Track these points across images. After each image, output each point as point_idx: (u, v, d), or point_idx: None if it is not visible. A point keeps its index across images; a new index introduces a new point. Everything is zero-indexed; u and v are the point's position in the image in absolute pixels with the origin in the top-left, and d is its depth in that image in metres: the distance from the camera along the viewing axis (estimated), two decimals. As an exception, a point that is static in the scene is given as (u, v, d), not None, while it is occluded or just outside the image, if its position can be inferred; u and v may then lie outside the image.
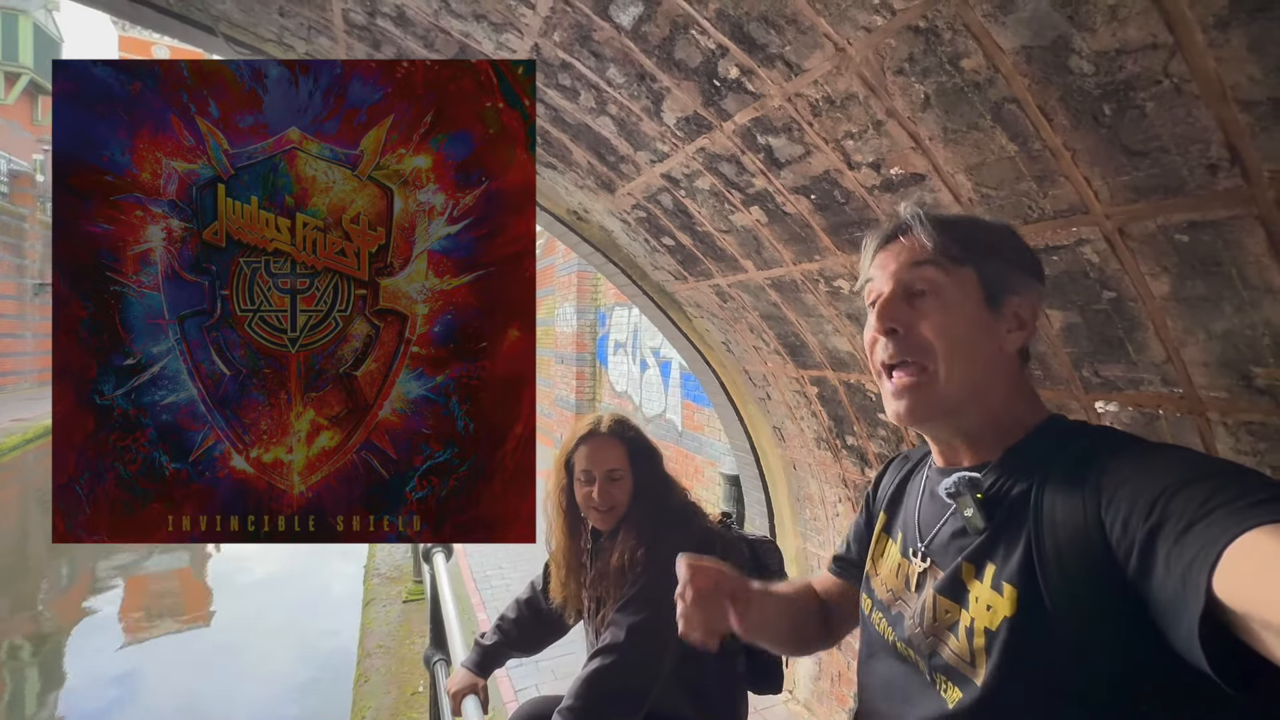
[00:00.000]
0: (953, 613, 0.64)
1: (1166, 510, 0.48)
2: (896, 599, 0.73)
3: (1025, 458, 0.64)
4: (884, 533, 0.81)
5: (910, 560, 0.72)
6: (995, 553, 0.61)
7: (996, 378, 0.67)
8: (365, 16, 1.61)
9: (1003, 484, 0.64)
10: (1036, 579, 0.57)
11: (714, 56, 1.18)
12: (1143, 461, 0.55)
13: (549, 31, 1.35)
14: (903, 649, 0.70)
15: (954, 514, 0.67)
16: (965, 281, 0.66)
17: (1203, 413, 1.04)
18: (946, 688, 0.63)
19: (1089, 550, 0.54)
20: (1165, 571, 0.47)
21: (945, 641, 0.64)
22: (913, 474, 0.81)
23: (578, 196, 2.27)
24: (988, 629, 0.59)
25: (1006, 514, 0.62)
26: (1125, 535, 0.51)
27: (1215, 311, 0.92)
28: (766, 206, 1.54)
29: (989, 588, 0.60)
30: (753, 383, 2.52)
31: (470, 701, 1.35)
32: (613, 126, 1.62)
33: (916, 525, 0.74)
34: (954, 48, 0.89)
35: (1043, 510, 0.59)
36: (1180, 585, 0.45)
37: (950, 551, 0.67)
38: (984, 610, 0.60)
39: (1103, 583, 0.53)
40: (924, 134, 1.06)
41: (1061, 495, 0.58)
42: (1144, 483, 0.52)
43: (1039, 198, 1.01)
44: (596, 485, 1.26)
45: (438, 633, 2.08)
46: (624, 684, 1.14)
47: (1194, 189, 0.82)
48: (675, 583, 1.22)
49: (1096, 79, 0.80)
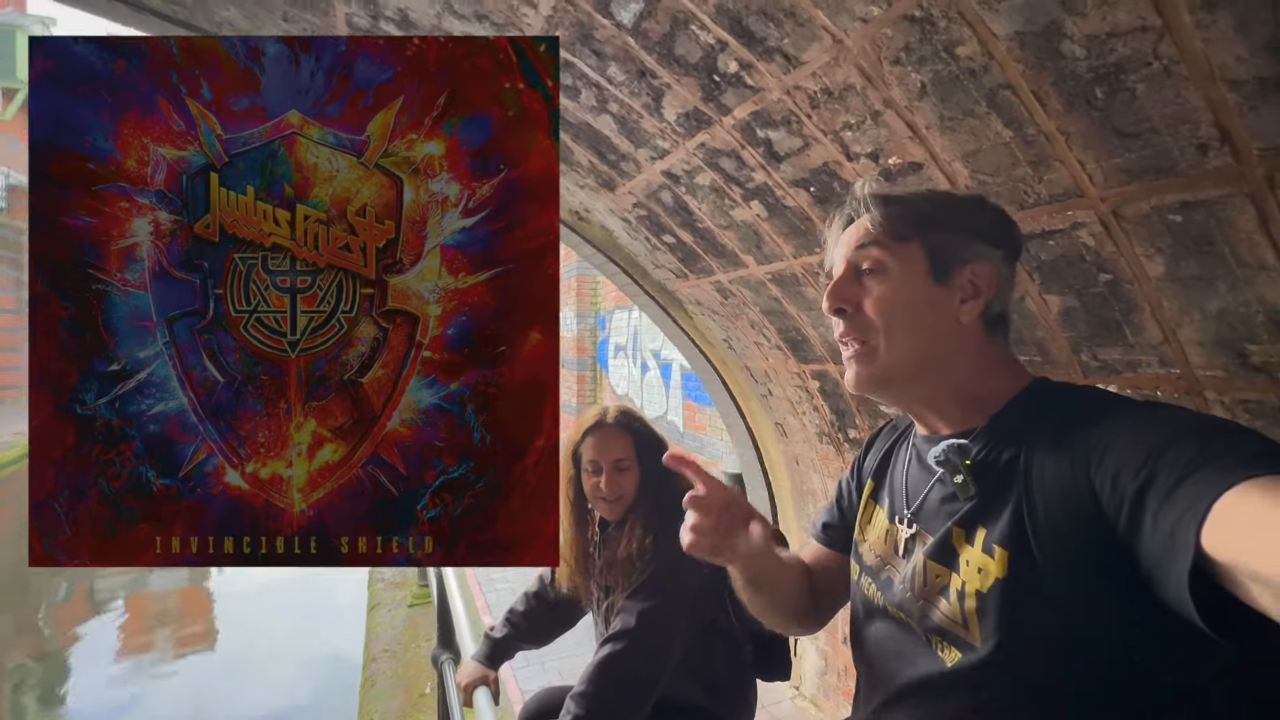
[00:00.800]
0: (943, 577, 0.65)
1: (1156, 467, 0.50)
2: (885, 564, 0.75)
3: (1012, 423, 0.66)
4: (871, 499, 0.82)
5: (898, 526, 0.74)
6: (985, 517, 0.63)
7: (952, 348, 0.69)
8: (369, 20, 1.63)
9: (991, 450, 0.65)
10: (1028, 540, 0.58)
11: (713, 51, 1.20)
12: (1130, 420, 0.57)
13: (550, 30, 1.37)
14: (894, 612, 0.71)
15: (942, 480, 0.69)
16: (909, 256, 0.69)
17: (1200, 392, 1.06)
18: (943, 648, 0.64)
19: (1079, 509, 0.55)
20: (1154, 527, 0.48)
21: (936, 605, 0.65)
22: (899, 442, 0.82)
23: (579, 196, 2.29)
24: (979, 591, 0.60)
25: (996, 479, 0.63)
26: (1115, 493, 0.52)
27: (1210, 290, 0.94)
28: (766, 201, 1.56)
29: (979, 551, 0.62)
30: (754, 379, 2.53)
31: (482, 693, 1.36)
32: (613, 124, 1.64)
33: (905, 492, 0.75)
34: (949, 35, 0.91)
35: (1032, 472, 0.60)
36: (1169, 540, 0.46)
37: (940, 517, 0.68)
38: (975, 573, 0.61)
39: (1093, 541, 0.54)
40: (921, 123, 1.08)
41: (1050, 457, 0.60)
42: (1132, 441, 0.53)
43: (1034, 182, 1.03)
44: (604, 475, 1.27)
45: (445, 632, 2.09)
46: (635, 669, 1.15)
47: (1185, 169, 0.85)
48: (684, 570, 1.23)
49: (1088, 63, 0.82)
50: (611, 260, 2.62)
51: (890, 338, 0.68)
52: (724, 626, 1.29)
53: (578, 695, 1.13)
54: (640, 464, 1.29)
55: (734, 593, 1.31)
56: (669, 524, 1.25)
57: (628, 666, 1.15)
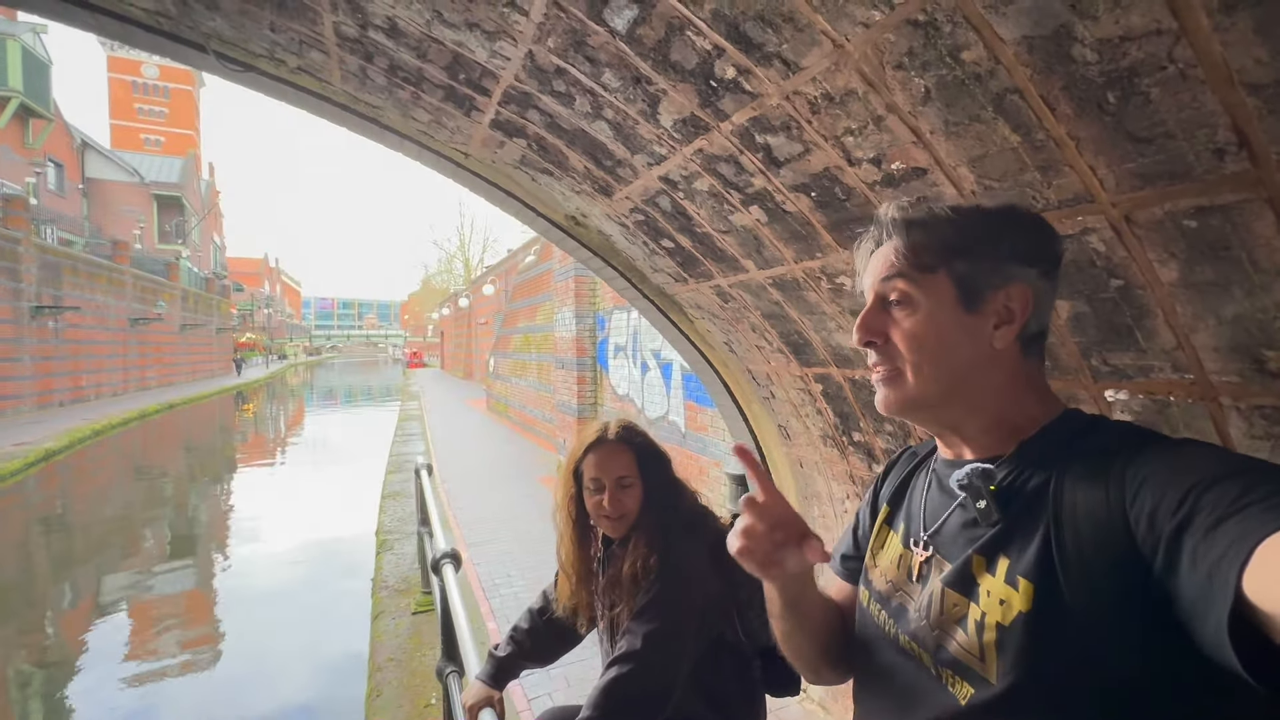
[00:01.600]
0: (961, 606, 0.63)
1: (1196, 505, 0.48)
2: (897, 590, 0.72)
3: (1041, 451, 0.64)
4: (885, 524, 0.80)
5: (912, 550, 0.71)
6: (1009, 546, 0.60)
7: (985, 374, 0.67)
8: (357, 29, 1.60)
9: (1017, 476, 0.63)
10: (1055, 574, 0.56)
11: (710, 57, 1.17)
12: (1170, 457, 0.55)
13: (543, 38, 1.34)
14: (905, 643, 0.68)
15: (964, 505, 0.66)
16: (937, 288, 0.67)
17: (1215, 398, 1.04)
18: (955, 683, 0.62)
19: (1112, 545, 0.53)
20: (1192, 567, 0.46)
21: (952, 636, 0.63)
22: (920, 467, 0.80)
23: (575, 202, 2.26)
24: (999, 624, 0.58)
25: (1022, 507, 0.61)
26: (1152, 530, 0.50)
27: (1225, 296, 0.92)
28: (766, 206, 1.53)
29: (1002, 582, 0.59)
30: (756, 382, 2.51)
31: (487, 715, 1.34)
32: (609, 131, 1.61)
33: (921, 515, 0.73)
34: (954, 40, 0.88)
35: (1063, 503, 0.58)
36: (1208, 582, 0.44)
37: (959, 543, 0.66)
38: (996, 605, 0.59)
39: (1125, 578, 0.52)
40: (925, 128, 1.05)
41: (1083, 488, 0.57)
42: (1172, 478, 0.51)
43: (1043, 188, 1.00)
44: (607, 493, 1.25)
45: (449, 644, 2.07)
46: (642, 691, 1.13)
47: (1201, 174, 0.82)
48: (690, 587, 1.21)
49: (1100, 67, 0.80)
50: (609, 265, 2.59)
51: (918, 369, 0.67)
52: (731, 641, 1.27)
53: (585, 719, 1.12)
54: (643, 480, 1.27)
55: (742, 607, 1.29)
56: (672, 542, 1.23)
57: (635, 688, 1.13)
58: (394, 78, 1.83)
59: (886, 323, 0.69)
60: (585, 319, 7.62)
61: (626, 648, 1.15)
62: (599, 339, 7.50)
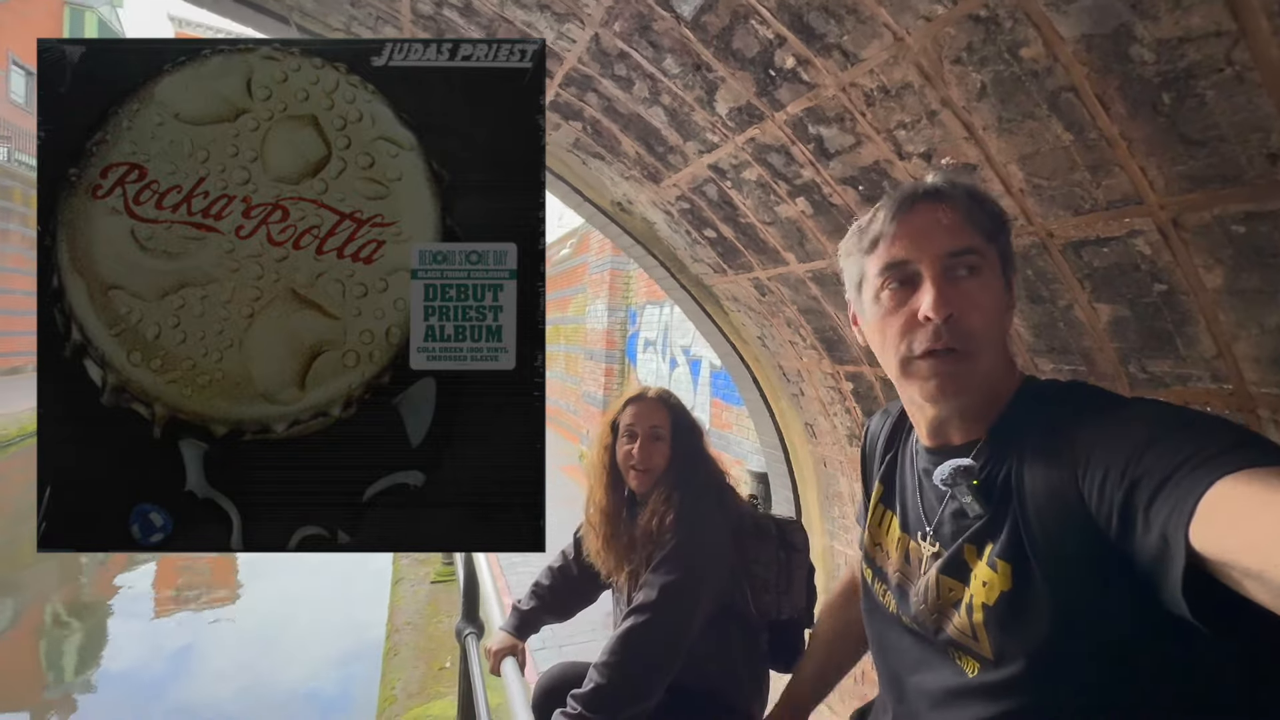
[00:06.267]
0: (956, 591, 0.66)
1: (1138, 470, 0.50)
2: (897, 572, 0.75)
3: (1006, 433, 0.65)
4: (881, 503, 0.81)
5: (920, 543, 0.73)
6: (994, 532, 0.63)
7: (999, 356, 0.67)
8: (432, 6, 1.69)
9: (993, 466, 0.65)
10: (1026, 553, 0.59)
11: (771, 46, 1.22)
12: (1109, 422, 0.57)
13: (610, 21, 1.40)
14: (908, 623, 0.72)
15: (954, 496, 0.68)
16: (993, 260, 0.66)
17: (1253, 409, 1.04)
18: (960, 658, 0.65)
19: (1071, 519, 0.56)
20: (1145, 531, 0.49)
21: (949, 618, 0.66)
22: (902, 441, 0.80)
23: (623, 187, 2.32)
24: (985, 604, 0.61)
25: (998, 494, 0.64)
26: (1103, 501, 0.53)
27: (1271, 305, 0.92)
28: (813, 198, 1.57)
29: (985, 565, 0.63)
30: (786, 378, 2.53)
31: (510, 663, 1.40)
32: (664, 116, 1.66)
33: (920, 509, 0.74)
34: (1014, 36, 0.91)
35: (1024, 485, 0.61)
36: (1160, 542, 0.47)
37: (953, 533, 0.68)
38: (981, 587, 0.62)
39: (1089, 547, 0.55)
40: (978, 123, 1.08)
41: (1038, 467, 0.60)
42: (1113, 445, 0.54)
43: (1092, 188, 1.02)
44: (639, 442, 1.31)
45: (470, 606, 2.14)
46: (658, 641, 1.18)
47: (1253, 178, 0.83)
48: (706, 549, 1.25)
49: (1157, 67, 0.82)
50: (650, 253, 2.65)
51: (989, 349, 0.64)
52: (741, 612, 1.31)
53: (601, 665, 1.17)
54: (674, 439, 1.33)
55: (756, 584, 1.33)
56: (693, 503, 1.28)
57: (651, 639, 1.18)
58: (461, 56, 1.91)
59: (957, 297, 0.63)
60: (617, 312, 7.70)
61: (643, 599, 1.20)
62: (629, 333, 7.57)
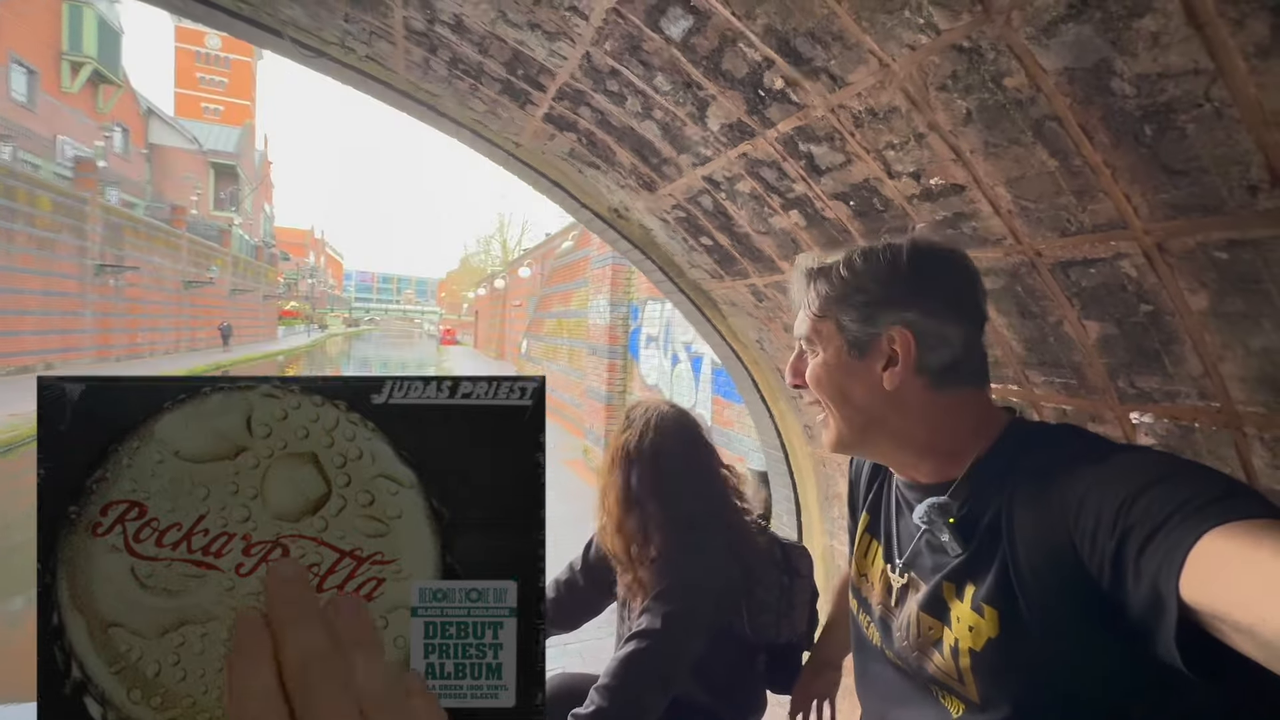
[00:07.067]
0: (935, 630, 0.66)
1: (1129, 520, 0.51)
2: (880, 604, 0.76)
3: (991, 474, 0.66)
4: (868, 532, 0.83)
5: (892, 573, 0.75)
6: (975, 573, 0.63)
7: (892, 413, 0.69)
8: (425, 23, 1.69)
9: (974, 505, 0.65)
10: (1016, 599, 0.60)
11: (760, 68, 1.22)
12: (1101, 470, 0.58)
13: (600, 41, 1.40)
14: (891, 657, 0.73)
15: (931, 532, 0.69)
16: (829, 333, 0.72)
17: (1239, 427, 1.05)
18: (946, 698, 0.66)
19: (1062, 567, 0.57)
20: (1136, 582, 0.50)
21: (930, 657, 0.67)
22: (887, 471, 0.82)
23: (619, 195, 2.33)
24: (972, 649, 0.62)
25: (981, 534, 0.64)
26: (1095, 550, 0.54)
27: (1254, 328, 0.93)
28: (805, 211, 1.57)
29: (969, 608, 0.63)
30: (785, 381, 2.55)
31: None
32: (657, 130, 1.67)
33: (896, 538, 0.76)
34: (997, 66, 0.92)
35: (1015, 531, 0.61)
36: (1151, 594, 0.48)
37: (930, 569, 0.69)
38: (966, 631, 0.63)
39: (1080, 596, 0.55)
40: (965, 147, 1.08)
41: (1031, 514, 0.60)
42: (1105, 494, 0.55)
43: (1078, 211, 1.03)
44: None
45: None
46: (657, 668, 1.21)
47: (1234, 208, 0.84)
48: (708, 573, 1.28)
49: (1137, 101, 0.82)
50: (648, 258, 2.66)
51: (830, 410, 0.72)
52: (739, 633, 1.33)
53: (602, 688, 1.19)
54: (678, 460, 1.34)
55: (754, 603, 1.35)
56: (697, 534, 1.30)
57: (651, 665, 1.20)
58: (455, 69, 1.92)
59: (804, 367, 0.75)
60: (619, 308, 7.71)
61: (647, 625, 1.22)
62: (632, 328, 7.58)
